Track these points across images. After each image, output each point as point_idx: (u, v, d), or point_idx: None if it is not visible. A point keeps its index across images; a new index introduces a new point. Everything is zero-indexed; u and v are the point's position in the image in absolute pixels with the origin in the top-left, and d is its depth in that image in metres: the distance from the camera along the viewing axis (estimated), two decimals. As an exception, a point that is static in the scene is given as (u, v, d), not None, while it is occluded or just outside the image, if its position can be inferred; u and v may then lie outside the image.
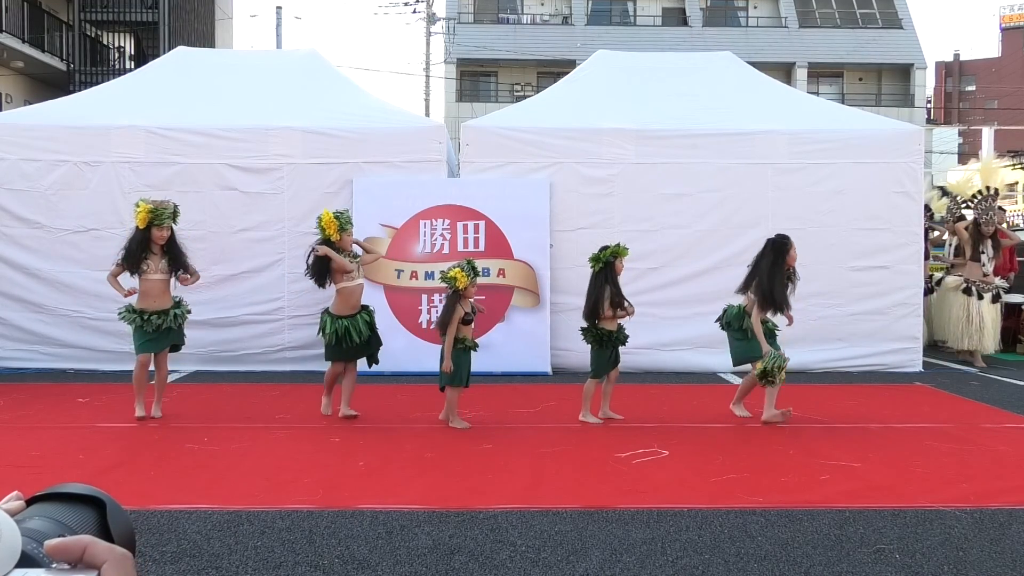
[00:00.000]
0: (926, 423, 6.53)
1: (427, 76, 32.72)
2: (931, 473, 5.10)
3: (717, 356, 8.84)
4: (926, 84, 36.79)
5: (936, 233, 10.95)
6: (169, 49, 14.31)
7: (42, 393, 7.48)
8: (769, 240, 6.52)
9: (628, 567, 3.54)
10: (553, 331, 8.65)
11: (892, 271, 8.89)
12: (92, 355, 8.60)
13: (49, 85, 23.28)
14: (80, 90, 14.55)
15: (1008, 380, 8.53)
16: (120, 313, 6.49)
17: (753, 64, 10.72)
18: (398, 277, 8.56)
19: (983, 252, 9.52)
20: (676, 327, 8.77)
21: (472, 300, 6.24)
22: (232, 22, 34.60)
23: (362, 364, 8.41)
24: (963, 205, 10.14)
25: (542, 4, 35.67)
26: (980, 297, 9.43)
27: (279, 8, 29.78)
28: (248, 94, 9.31)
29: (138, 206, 6.46)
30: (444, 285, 6.28)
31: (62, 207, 8.62)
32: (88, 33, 26.04)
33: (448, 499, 4.45)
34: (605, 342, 6.32)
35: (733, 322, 6.48)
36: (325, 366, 8.59)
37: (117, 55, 27.45)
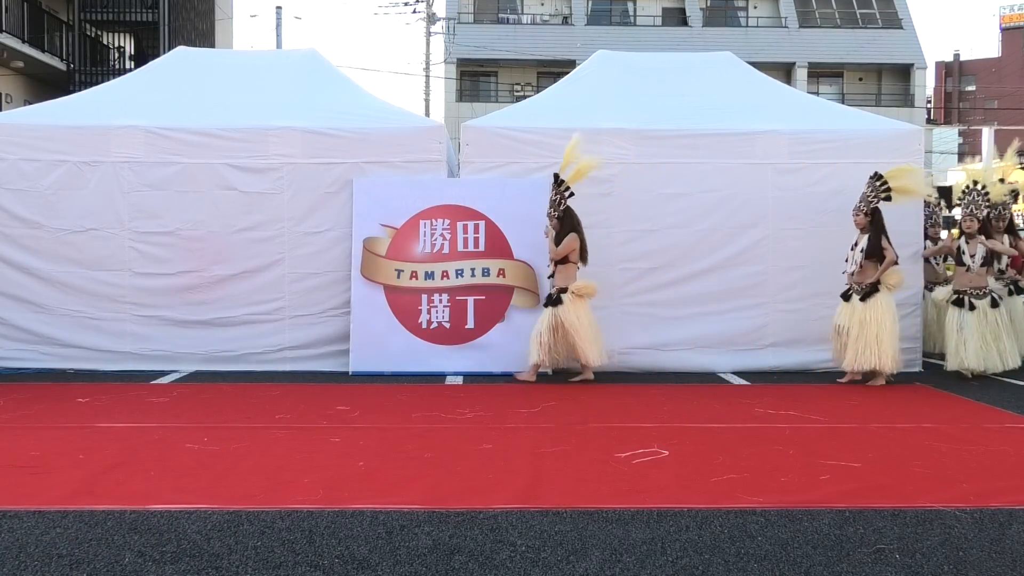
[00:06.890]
0: (926, 423, 6.53)
1: (427, 76, 32.77)
2: (931, 473, 5.09)
3: (717, 356, 8.86)
4: (926, 84, 36.84)
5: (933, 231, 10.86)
6: (169, 49, 14.33)
7: (42, 393, 7.48)
8: None
9: (628, 567, 3.54)
10: (553, 331, 8.63)
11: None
12: (92, 355, 8.60)
13: (49, 85, 23.30)
14: (80, 90, 14.53)
15: (1008, 380, 8.52)
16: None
17: (753, 64, 10.70)
18: (398, 277, 8.56)
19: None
20: (676, 327, 8.76)
21: None
22: (232, 22, 34.62)
23: (360, 364, 8.45)
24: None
25: (542, 4, 35.72)
26: (971, 308, 8.47)
27: (279, 8, 29.83)
28: (248, 94, 9.31)
29: None
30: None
31: (62, 207, 8.62)
32: (88, 33, 26.07)
33: (448, 499, 4.45)
34: None
35: None
36: (324, 365, 8.66)
37: (117, 55, 27.49)
